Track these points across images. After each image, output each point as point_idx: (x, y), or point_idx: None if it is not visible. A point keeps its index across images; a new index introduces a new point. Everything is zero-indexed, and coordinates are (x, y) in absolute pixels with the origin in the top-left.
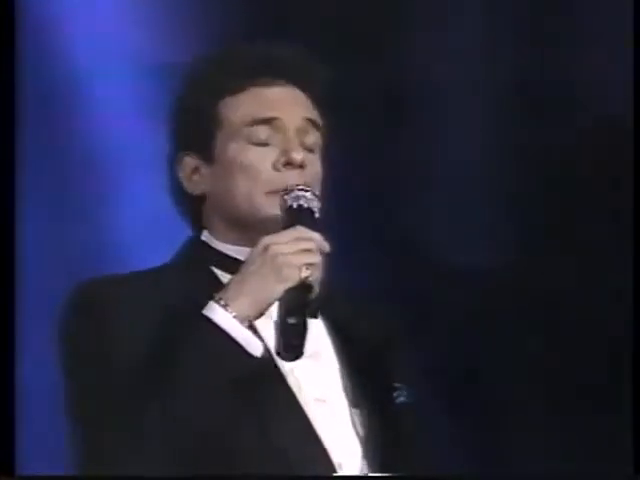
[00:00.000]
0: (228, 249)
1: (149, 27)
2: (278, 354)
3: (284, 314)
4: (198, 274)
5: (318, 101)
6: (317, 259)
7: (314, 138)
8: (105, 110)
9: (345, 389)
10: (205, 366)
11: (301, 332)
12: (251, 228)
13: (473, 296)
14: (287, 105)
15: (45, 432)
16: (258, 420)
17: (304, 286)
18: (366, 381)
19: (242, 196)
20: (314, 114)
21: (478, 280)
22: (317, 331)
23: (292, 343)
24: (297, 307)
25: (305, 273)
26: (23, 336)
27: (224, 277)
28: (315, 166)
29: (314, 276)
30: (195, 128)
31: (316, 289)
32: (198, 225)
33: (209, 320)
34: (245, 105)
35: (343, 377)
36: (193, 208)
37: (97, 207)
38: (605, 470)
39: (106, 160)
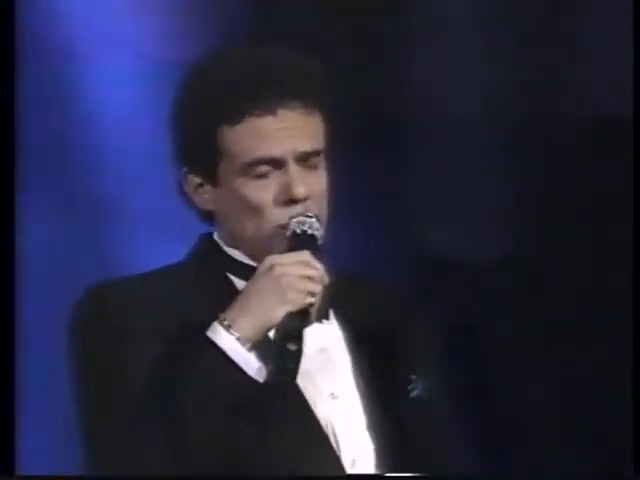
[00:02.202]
0: (238, 255)
1: (151, 25)
2: (272, 376)
3: (283, 339)
4: (214, 281)
5: (323, 115)
6: (319, 289)
7: (316, 160)
8: (106, 110)
9: (358, 385)
10: (207, 389)
11: (298, 358)
12: (260, 252)
13: (474, 294)
14: (286, 138)
15: (45, 432)
16: (268, 423)
17: (305, 312)
18: (378, 376)
19: (249, 231)
20: (315, 141)
21: (479, 279)
22: (329, 327)
23: (288, 367)
24: (297, 333)
25: (309, 300)
26: (24, 337)
27: (241, 284)
28: (319, 183)
29: (315, 305)
30: (197, 153)
31: (313, 318)
32: (210, 222)
33: (212, 343)
34: (244, 141)
35: (355, 373)
36: (204, 216)
37: (98, 207)
38: (605, 470)
39: (108, 160)
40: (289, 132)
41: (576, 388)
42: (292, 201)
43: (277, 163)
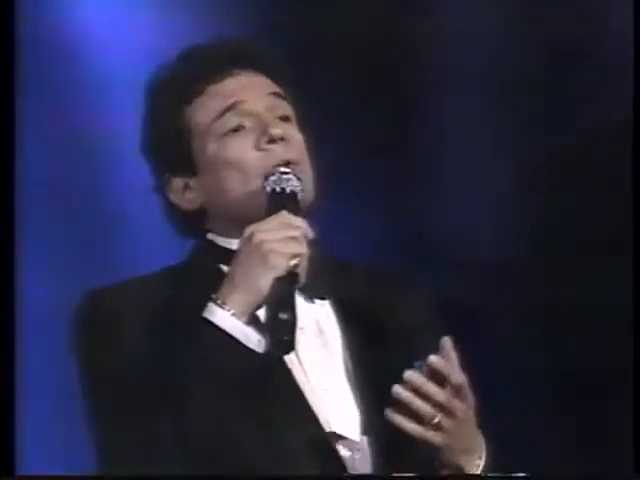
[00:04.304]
0: (232, 244)
1: (152, 26)
2: (269, 349)
3: (274, 309)
4: (209, 275)
5: (278, 79)
6: (303, 249)
7: (286, 109)
8: (106, 111)
9: (351, 373)
10: (209, 367)
11: (292, 327)
12: (255, 217)
13: (474, 292)
14: (248, 88)
15: (45, 432)
16: (264, 416)
17: (291, 276)
18: (373, 364)
19: (236, 188)
20: (278, 89)
21: (478, 277)
22: (325, 308)
23: (283, 339)
24: (287, 300)
25: (293, 261)
26: (23, 337)
27: None
28: (296, 135)
29: (301, 266)
30: (170, 146)
31: (302, 279)
32: (201, 232)
33: (208, 322)
34: (207, 104)
35: (347, 361)
36: (194, 221)
37: (97, 208)
38: (605, 470)
39: (106, 160)
40: (250, 83)
41: (576, 387)
42: (270, 141)
43: (245, 109)
